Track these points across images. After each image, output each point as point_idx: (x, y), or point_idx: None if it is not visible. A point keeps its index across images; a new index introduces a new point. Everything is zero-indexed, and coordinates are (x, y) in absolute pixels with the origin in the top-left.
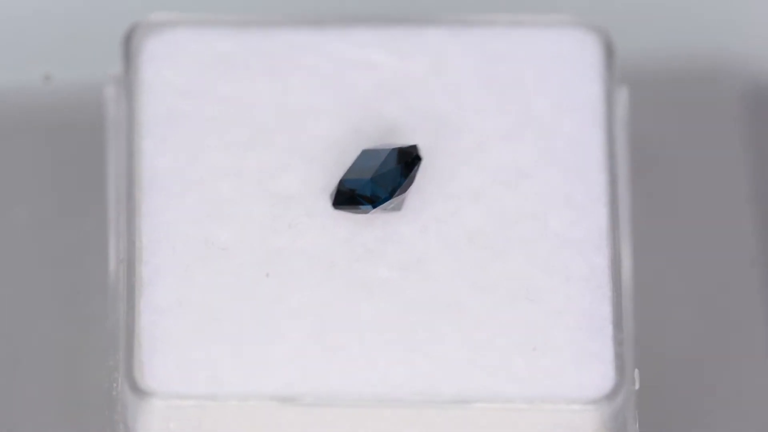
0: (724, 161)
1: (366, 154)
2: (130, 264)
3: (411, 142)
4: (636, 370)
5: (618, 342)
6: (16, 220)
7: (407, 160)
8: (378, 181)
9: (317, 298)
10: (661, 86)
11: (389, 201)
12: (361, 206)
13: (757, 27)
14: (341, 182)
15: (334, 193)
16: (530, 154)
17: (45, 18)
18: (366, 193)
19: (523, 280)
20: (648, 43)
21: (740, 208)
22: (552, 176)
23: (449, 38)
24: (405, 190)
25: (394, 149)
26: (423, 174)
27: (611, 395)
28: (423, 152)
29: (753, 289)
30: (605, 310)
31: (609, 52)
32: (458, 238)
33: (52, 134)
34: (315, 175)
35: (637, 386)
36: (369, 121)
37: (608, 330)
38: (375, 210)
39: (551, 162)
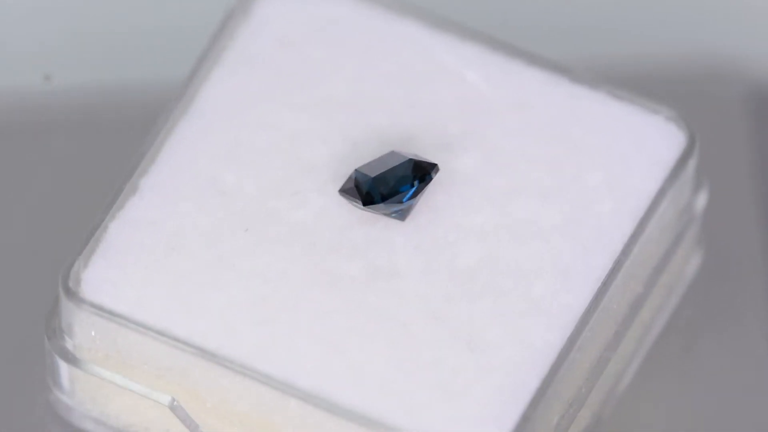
0: (725, 163)
1: (391, 156)
2: (130, 173)
3: (453, 164)
4: None
5: (525, 418)
6: (17, 220)
7: (418, 175)
8: (378, 182)
9: (278, 270)
10: (662, 87)
11: (385, 206)
12: (356, 200)
13: (758, 29)
14: (355, 171)
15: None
16: (554, 219)
17: (45, 18)
18: (363, 189)
19: (475, 328)
20: (648, 43)
21: (741, 208)
22: (562, 246)
23: (546, 84)
24: (400, 201)
25: (410, 160)
26: (445, 197)
27: None
28: (457, 178)
29: (755, 290)
30: (532, 386)
31: (685, 155)
32: (442, 267)
33: (52, 134)
34: (348, 160)
35: None
36: (428, 129)
37: (523, 404)
38: (375, 211)
39: (569, 233)
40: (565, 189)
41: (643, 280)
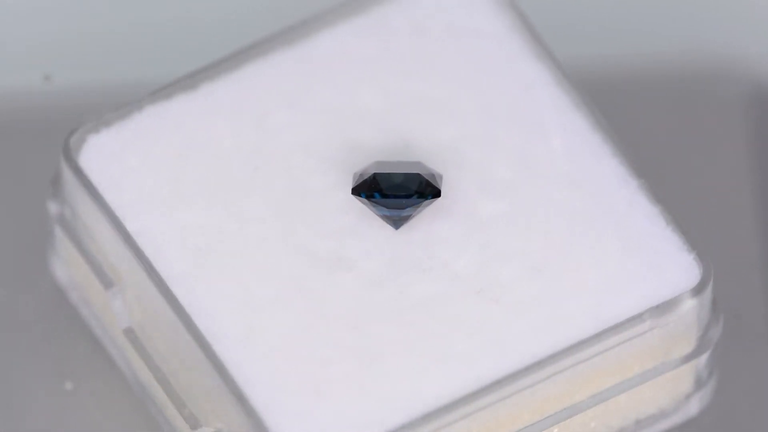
0: (725, 162)
1: (413, 165)
2: (170, 86)
3: (478, 205)
4: None
5: None
6: (17, 220)
7: (418, 191)
8: (378, 180)
9: (252, 216)
10: (663, 87)
11: (373, 204)
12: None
13: (758, 29)
14: (374, 162)
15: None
16: (529, 293)
17: (45, 18)
18: (362, 179)
19: (385, 350)
20: (649, 43)
21: (741, 207)
22: (516, 320)
23: (615, 181)
24: (388, 207)
25: (419, 175)
26: (451, 229)
27: None
28: (472, 218)
29: (755, 289)
30: (397, 422)
31: (688, 294)
32: (396, 287)
33: (52, 134)
34: (391, 155)
35: None
36: (480, 164)
37: None
38: (365, 204)
39: (531, 312)
40: (562, 273)
41: (589, 391)
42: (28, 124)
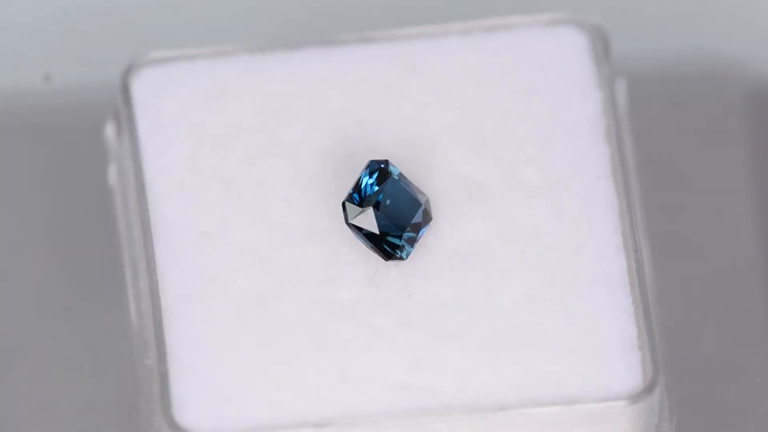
0: (724, 162)
1: (423, 212)
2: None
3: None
4: None
5: None
6: (17, 221)
7: (400, 236)
8: (382, 195)
9: (247, 179)
10: (662, 86)
11: (350, 210)
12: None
13: (758, 28)
14: (399, 178)
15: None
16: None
17: (45, 18)
18: (359, 192)
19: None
20: (649, 43)
21: (741, 208)
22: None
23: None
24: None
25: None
26: (431, 257)
27: None
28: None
29: (753, 290)
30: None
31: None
32: (374, 298)
33: (52, 134)
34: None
35: None
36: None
37: None
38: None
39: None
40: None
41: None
42: (28, 124)
